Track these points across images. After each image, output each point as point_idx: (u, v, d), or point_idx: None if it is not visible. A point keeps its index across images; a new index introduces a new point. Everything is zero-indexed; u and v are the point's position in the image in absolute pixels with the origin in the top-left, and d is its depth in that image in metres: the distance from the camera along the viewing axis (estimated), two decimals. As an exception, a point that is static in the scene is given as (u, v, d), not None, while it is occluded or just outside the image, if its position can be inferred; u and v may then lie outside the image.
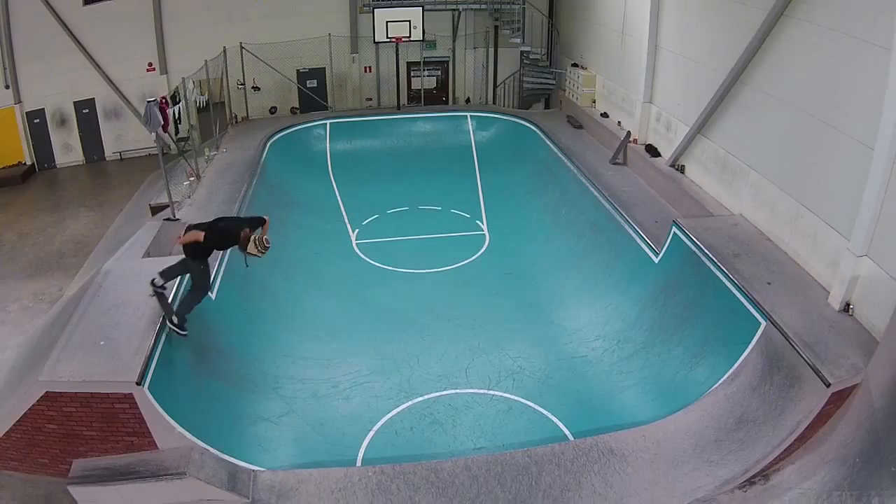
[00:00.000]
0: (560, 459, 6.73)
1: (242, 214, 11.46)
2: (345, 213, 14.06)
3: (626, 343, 9.15)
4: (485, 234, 13.18)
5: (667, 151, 12.70)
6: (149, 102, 10.26)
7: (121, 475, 6.29)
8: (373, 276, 11.59)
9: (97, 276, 8.05)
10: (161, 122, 10.57)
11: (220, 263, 9.60)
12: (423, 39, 17.71)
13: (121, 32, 16.94)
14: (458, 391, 8.49)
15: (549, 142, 15.53)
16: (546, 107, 19.44)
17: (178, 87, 12.48)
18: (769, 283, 8.12)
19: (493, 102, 19.62)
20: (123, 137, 18.04)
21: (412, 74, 19.14)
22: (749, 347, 7.56)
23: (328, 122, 17.02)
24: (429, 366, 8.96)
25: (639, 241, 10.50)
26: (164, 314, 7.22)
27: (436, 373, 8.82)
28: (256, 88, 17.86)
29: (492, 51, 19.18)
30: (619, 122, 14.93)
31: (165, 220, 10.48)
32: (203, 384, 7.45)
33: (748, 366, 7.43)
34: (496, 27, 18.65)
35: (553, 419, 8.02)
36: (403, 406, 8.22)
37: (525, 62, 18.75)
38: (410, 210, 14.28)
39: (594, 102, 16.49)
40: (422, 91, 19.02)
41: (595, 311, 9.98)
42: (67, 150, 17.67)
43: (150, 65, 17.65)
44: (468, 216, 13.96)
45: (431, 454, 7.27)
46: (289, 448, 7.42)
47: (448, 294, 10.88)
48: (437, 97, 19.61)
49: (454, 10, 18.39)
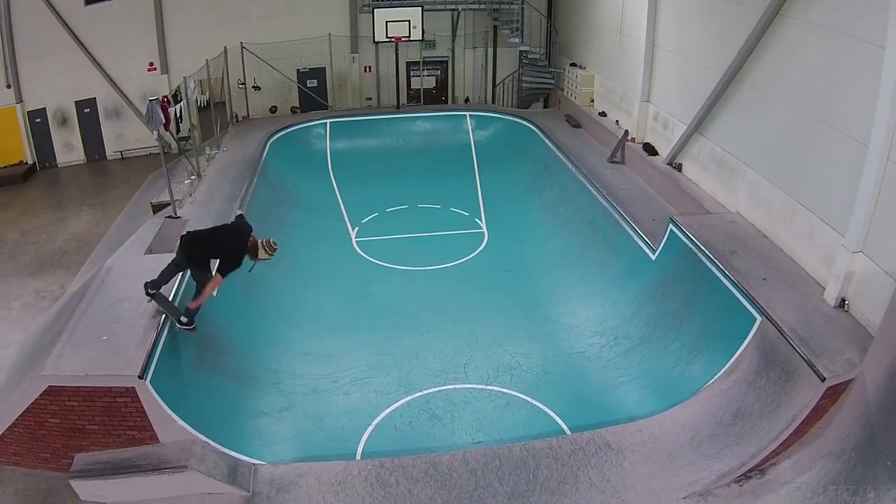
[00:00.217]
0: (557, 453, 6.77)
1: (243, 212, 11.52)
2: (345, 212, 14.10)
3: (624, 339, 9.19)
4: (483, 232, 13.22)
5: (664, 150, 12.74)
6: (151, 101, 10.32)
7: (122, 468, 6.33)
8: (372, 274, 11.63)
9: (100, 273, 8.09)
10: (163, 121, 10.63)
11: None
12: (423, 39, 17.74)
13: (122, 32, 16.99)
14: (457, 386, 8.54)
15: (548, 141, 15.57)
16: (545, 106, 19.47)
17: (180, 87, 12.51)
18: (765, 280, 8.15)
19: (493, 102, 19.66)
20: (124, 137, 18.08)
21: (412, 74, 19.17)
22: (745, 343, 7.59)
23: (328, 122, 17.05)
24: (427, 361, 9.00)
25: (636, 239, 10.55)
26: (171, 317, 7.17)
27: (434, 368, 8.87)
28: (257, 88, 17.89)
29: (491, 50, 19.22)
30: (617, 121, 14.96)
31: (167, 218, 10.54)
32: (204, 379, 7.50)
33: (744, 361, 7.45)
34: (495, 27, 18.68)
35: (551, 414, 8.06)
36: (402, 401, 8.27)
37: (524, 62, 18.80)
38: (410, 208, 14.32)
39: (592, 102, 16.52)
40: (421, 90, 19.03)
41: (592, 308, 10.03)
42: (68, 150, 17.70)
43: (151, 64, 17.69)
44: (467, 214, 14.00)
45: (430, 448, 7.31)
46: (289, 442, 7.46)
47: (447, 291, 10.93)
48: (437, 97, 19.64)
49: (453, 10, 18.44)
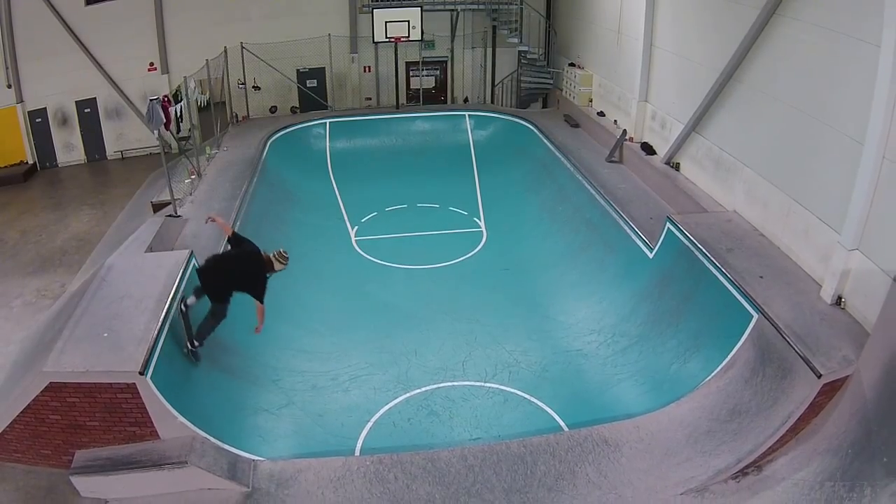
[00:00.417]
0: (555, 449, 6.79)
1: (242, 213, 11.57)
2: (344, 211, 14.15)
3: (621, 336, 9.23)
4: (482, 231, 13.26)
5: (662, 149, 12.78)
6: (152, 101, 10.38)
7: (123, 465, 6.33)
8: (371, 272, 11.66)
9: (101, 270, 8.10)
10: (164, 121, 10.70)
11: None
12: (422, 39, 17.80)
13: (122, 32, 17.04)
14: (456, 383, 8.57)
15: (547, 140, 15.61)
16: (543, 106, 19.51)
17: (180, 86, 12.56)
18: (762, 277, 8.17)
19: (491, 102, 19.70)
20: (125, 136, 18.13)
21: (411, 74, 19.23)
22: (741, 340, 7.61)
23: (328, 122, 17.09)
24: (426, 359, 9.03)
25: (634, 237, 10.59)
26: (185, 335, 7.39)
27: (433, 366, 8.90)
28: (257, 88, 17.95)
29: (490, 51, 19.27)
30: (616, 121, 15.00)
31: (167, 217, 10.59)
32: (204, 375, 7.52)
33: (741, 358, 7.48)
34: (494, 27, 18.74)
35: (548, 411, 8.09)
36: (401, 398, 8.29)
37: (523, 62, 18.85)
38: (409, 208, 14.36)
39: (591, 101, 16.55)
40: (420, 90, 19.09)
41: (590, 306, 10.07)
42: (69, 149, 17.75)
43: (152, 64, 17.75)
44: (466, 213, 14.04)
45: (429, 445, 7.34)
46: (288, 439, 7.49)
47: (446, 289, 10.96)
48: (436, 97, 19.70)
49: (452, 11, 18.50)
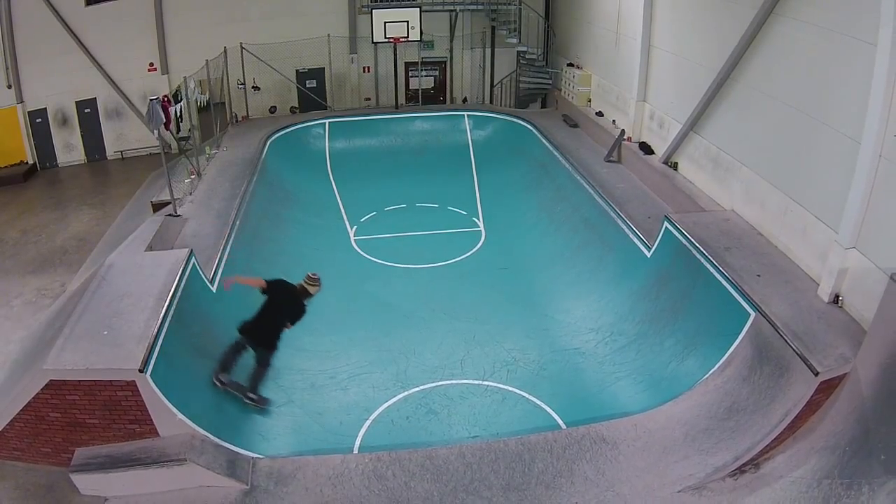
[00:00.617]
0: (553, 447, 6.81)
1: (241, 212, 11.60)
2: (343, 210, 14.17)
3: (619, 335, 9.24)
4: (481, 231, 13.28)
5: (660, 149, 12.81)
6: (152, 100, 10.42)
7: (122, 462, 6.34)
8: (370, 271, 11.68)
9: (101, 269, 8.13)
10: (163, 120, 10.74)
11: (221, 257, 9.75)
12: (421, 40, 17.83)
13: (122, 33, 17.09)
14: (454, 382, 8.58)
15: (545, 140, 15.63)
16: (542, 106, 19.54)
17: (180, 87, 12.59)
18: (759, 276, 8.19)
19: (490, 102, 19.72)
20: (125, 137, 18.19)
21: (410, 74, 19.27)
22: (739, 338, 7.62)
23: (327, 122, 17.10)
24: (425, 357, 9.04)
25: (632, 237, 10.61)
26: (240, 394, 7.66)
27: (432, 364, 8.92)
28: (256, 88, 17.99)
29: (489, 51, 19.30)
30: (614, 121, 15.04)
31: (167, 216, 10.62)
32: (204, 374, 7.53)
33: (738, 356, 7.49)
34: (493, 27, 18.76)
35: (546, 409, 8.10)
36: (400, 396, 8.31)
37: (521, 62, 18.87)
38: (408, 207, 14.38)
39: (589, 101, 16.58)
40: (419, 91, 19.12)
41: (588, 305, 10.08)
42: (69, 150, 17.80)
43: (152, 65, 17.80)
44: (465, 213, 14.06)
45: (427, 442, 7.36)
46: (287, 437, 7.51)
47: (444, 288, 10.98)
48: (435, 97, 19.74)
49: (451, 11, 18.55)
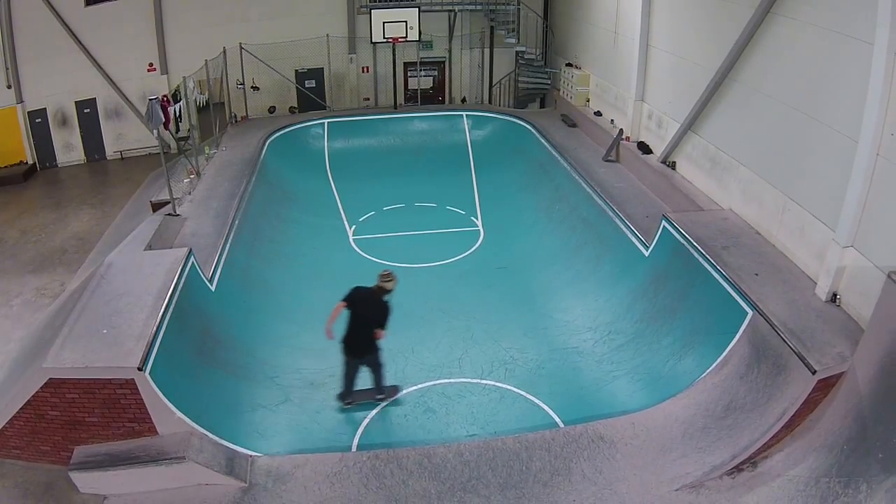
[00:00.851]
0: (550, 445, 6.82)
1: (241, 212, 11.62)
2: (342, 210, 14.18)
3: (617, 334, 9.26)
4: (479, 230, 13.29)
5: (658, 148, 12.82)
6: (151, 100, 10.43)
7: (121, 460, 6.36)
8: (369, 270, 11.45)
9: (100, 268, 8.14)
10: (163, 120, 10.76)
11: (220, 256, 9.77)
12: (420, 40, 17.88)
13: (122, 33, 17.11)
14: (452, 380, 8.58)
15: (544, 140, 15.66)
16: (541, 106, 19.55)
17: (179, 86, 12.61)
18: (757, 275, 8.20)
19: (489, 102, 19.76)
20: (124, 137, 18.19)
21: (409, 74, 19.29)
22: (737, 337, 7.63)
23: (326, 122, 17.15)
24: (423, 356, 9.05)
25: (630, 236, 10.63)
26: (373, 399, 8.01)
27: (430, 363, 8.92)
28: (256, 88, 18.02)
29: (487, 51, 19.33)
30: (612, 121, 15.05)
31: (167, 216, 10.65)
32: (202, 372, 7.56)
33: (736, 354, 7.50)
34: (492, 28, 18.79)
35: (544, 408, 8.11)
36: (398, 394, 8.29)
37: (520, 62, 18.89)
38: (406, 207, 14.39)
39: (588, 101, 16.59)
40: (418, 91, 19.16)
41: (586, 304, 10.10)
42: (69, 150, 17.80)
43: (151, 65, 17.81)
44: (463, 213, 14.07)
45: (425, 441, 7.38)
46: (286, 435, 7.52)
47: (443, 287, 10.98)
48: (434, 97, 19.76)
49: (450, 11, 18.57)
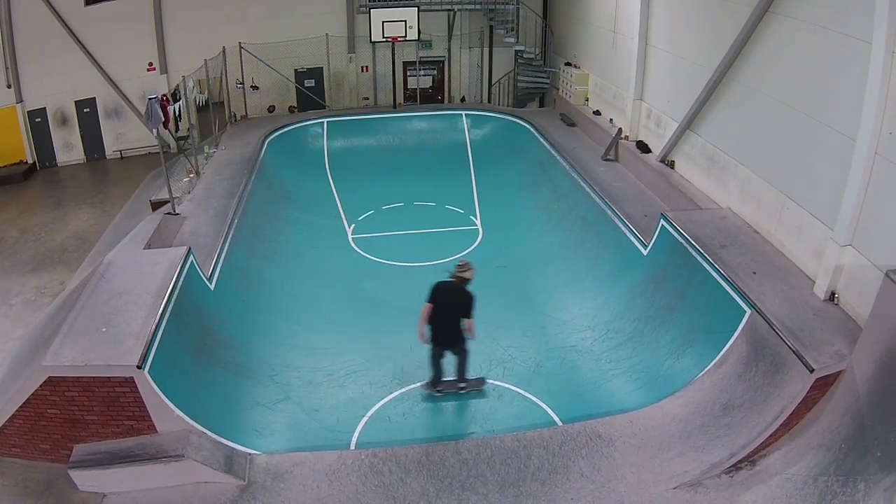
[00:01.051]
0: (549, 444, 6.84)
1: (240, 211, 11.61)
2: (341, 209, 14.20)
3: (615, 333, 9.27)
4: (478, 229, 13.29)
5: (657, 147, 12.83)
6: (150, 99, 10.46)
7: (120, 458, 6.37)
8: (368, 269, 11.70)
9: (99, 267, 8.16)
10: (162, 119, 10.78)
11: (219, 255, 9.79)
12: (419, 39, 17.90)
13: (121, 32, 17.12)
14: (450, 379, 8.54)
15: (543, 139, 15.68)
16: (540, 105, 19.56)
17: (179, 86, 12.63)
18: (755, 273, 8.22)
19: (488, 101, 19.78)
20: (124, 136, 18.22)
21: (408, 74, 19.31)
22: (735, 335, 7.64)
23: (325, 121, 17.18)
24: (422, 354, 8.85)
25: (628, 235, 10.65)
26: (456, 390, 8.26)
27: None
28: (255, 88, 18.04)
29: (487, 50, 19.35)
30: (611, 120, 15.07)
31: (166, 215, 10.68)
32: (201, 370, 7.57)
33: (734, 353, 7.52)
34: (491, 27, 18.81)
35: (543, 406, 8.12)
36: (396, 393, 8.32)
37: (519, 61, 18.87)
38: (405, 206, 14.40)
39: (587, 100, 16.60)
40: (418, 90, 19.18)
41: (585, 302, 10.10)
42: (68, 149, 17.84)
43: (151, 64, 17.83)
44: (462, 212, 14.08)
45: (423, 439, 7.39)
46: (284, 433, 7.53)
47: (442, 286, 11.02)
48: (433, 96, 19.78)
49: (449, 11, 18.58)
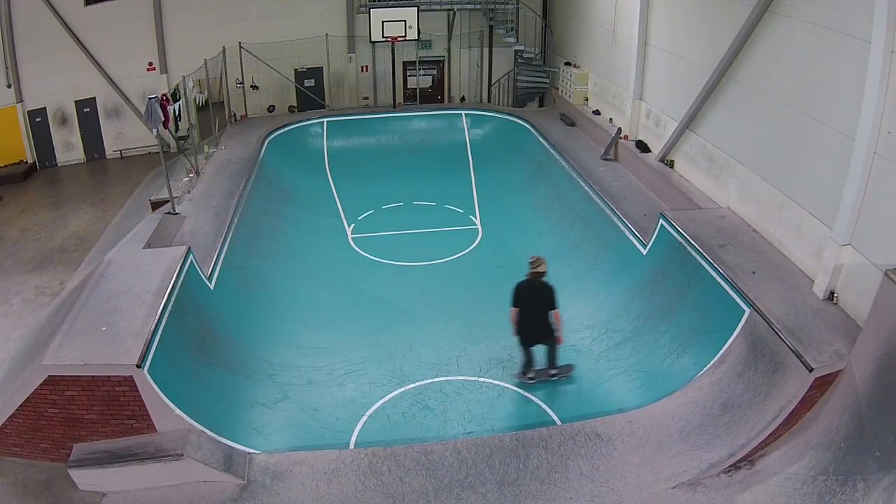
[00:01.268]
0: (547, 443, 6.84)
1: (240, 211, 11.61)
2: (341, 209, 14.21)
3: (615, 332, 9.28)
4: (478, 229, 13.30)
5: (656, 147, 12.83)
6: (150, 99, 10.46)
7: (120, 457, 6.39)
8: (367, 269, 11.71)
9: (99, 266, 8.17)
10: (162, 119, 10.79)
11: (219, 254, 9.80)
12: (419, 39, 17.89)
13: (121, 32, 17.13)
14: (450, 378, 8.59)
15: (542, 139, 15.68)
16: (540, 105, 19.55)
17: (179, 86, 12.63)
18: (754, 273, 8.22)
19: (488, 101, 19.77)
20: (124, 136, 18.21)
21: (408, 73, 19.30)
22: (734, 335, 7.64)
23: (325, 121, 17.18)
24: (421, 354, 9.07)
25: (628, 234, 10.66)
26: (547, 377, 8.50)
27: (428, 360, 8.93)
28: (255, 87, 18.03)
29: (486, 50, 19.34)
30: (611, 119, 15.06)
31: (166, 214, 10.69)
32: (201, 369, 7.59)
33: (733, 352, 7.52)
34: (490, 27, 18.81)
35: (542, 405, 8.13)
36: (396, 392, 8.33)
37: (519, 61, 18.88)
38: (405, 206, 14.41)
39: (587, 100, 16.59)
40: (417, 90, 19.17)
41: (584, 302, 10.10)
42: (68, 149, 17.83)
43: (151, 64, 17.82)
44: (462, 211, 14.09)
45: (422, 438, 7.39)
46: (284, 432, 7.54)
47: (441, 285, 11.00)
48: (433, 96, 19.77)
49: (449, 10, 18.58)
